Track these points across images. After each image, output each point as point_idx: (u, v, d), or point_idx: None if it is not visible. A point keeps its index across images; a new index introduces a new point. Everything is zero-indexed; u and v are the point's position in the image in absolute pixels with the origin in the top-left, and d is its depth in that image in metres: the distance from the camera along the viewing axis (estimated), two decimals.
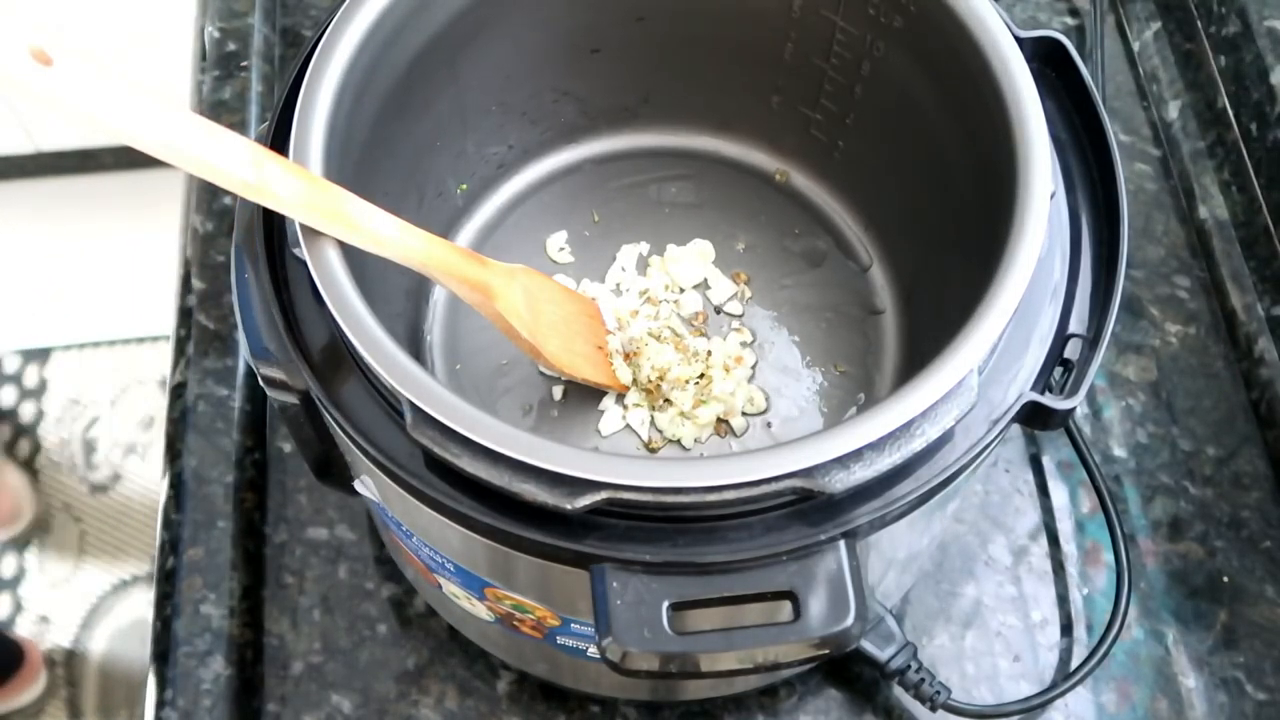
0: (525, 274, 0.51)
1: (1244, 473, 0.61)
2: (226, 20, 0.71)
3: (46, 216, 1.64)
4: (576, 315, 0.55)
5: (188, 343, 0.62)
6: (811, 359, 0.58)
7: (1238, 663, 0.56)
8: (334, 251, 0.41)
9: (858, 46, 0.53)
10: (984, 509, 0.59)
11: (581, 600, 0.41)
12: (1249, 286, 0.64)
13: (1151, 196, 0.69)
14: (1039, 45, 0.46)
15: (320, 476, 0.49)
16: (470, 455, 0.38)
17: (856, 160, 0.58)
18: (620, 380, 0.56)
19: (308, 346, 0.42)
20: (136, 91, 0.37)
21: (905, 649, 0.52)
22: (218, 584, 0.56)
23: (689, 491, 0.37)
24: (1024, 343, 0.42)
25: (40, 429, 1.51)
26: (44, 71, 0.35)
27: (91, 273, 1.60)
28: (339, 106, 0.44)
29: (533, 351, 0.51)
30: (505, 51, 0.55)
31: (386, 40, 0.47)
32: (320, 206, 0.41)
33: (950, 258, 0.51)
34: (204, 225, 0.65)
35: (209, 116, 0.69)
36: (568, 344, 0.53)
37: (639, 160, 0.62)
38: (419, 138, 0.54)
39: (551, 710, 0.55)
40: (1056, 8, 0.75)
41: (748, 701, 0.55)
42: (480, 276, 0.48)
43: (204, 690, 0.53)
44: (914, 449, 0.38)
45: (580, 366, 0.54)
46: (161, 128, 0.38)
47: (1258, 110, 0.65)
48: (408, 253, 0.45)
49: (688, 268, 0.60)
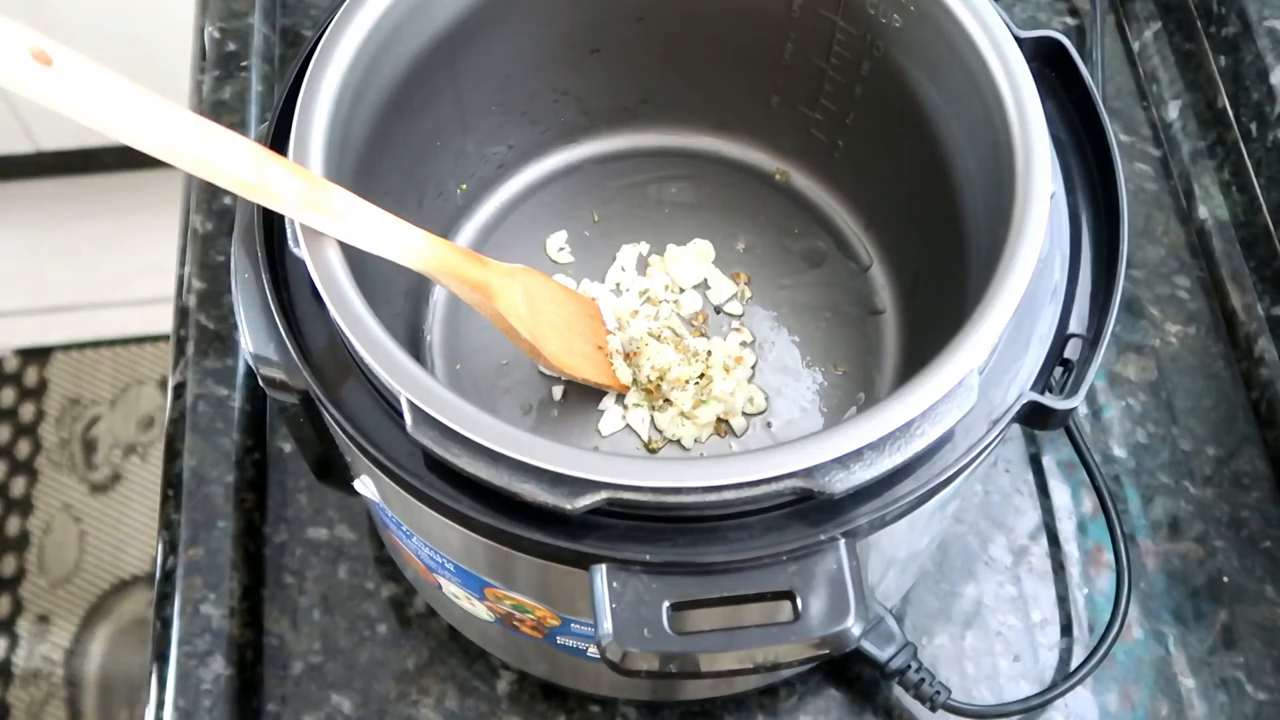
0: (525, 274, 0.51)
1: (1244, 473, 0.61)
2: (226, 20, 0.71)
3: (46, 216, 1.64)
4: (577, 315, 0.55)
5: (187, 343, 0.62)
6: (811, 359, 0.58)
7: (1238, 663, 0.56)
8: (334, 251, 0.41)
9: (857, 46, 0.53)
10: (984, 509, 0.59)
11: (581, 600, 0.41)
12: (1249, 286, 0.64)
13: (1151, 196, 0.69)
14: (1039, 45, 0.46)
15: (320, 476, 0.49)
16: (470, 455, 0.38)
17: (856, 160, 0.58)
18: (620, 380, 0.56)
19: (308, 346, 0.42)
20: (137, 92, 0.37)
21: (905, 649, 0.52)
22: (218, 584, 0.56)
23: (689, 491, 0.37)
24: (1024, 343, 0.42)
25: (40, 429, 1.51)
26: (44, 72, 0.35)
27: (91, 273, 1.60)
28: (339, 106, 0.44)
29: (532, 351, 0.51)
30: (505, 51, 0.55)
31: (386, 40, 0.47)
32: (320, 206, 0.41)
33: (950, 258, 0.51)
34: (204, 225, 0.65)
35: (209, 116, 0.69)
36: (568, 344, 0.53)
37: (639, 160, 0.62)
38: (419, 138, 0.54)
39: (551, 710, 0.55)
40: (1056, 8, 0.75)
41: (748, 701, 0.55)
42: (480, 276, 0.48)
43: (204, 690, 0.53)
44: (914, 449, 0.38)
45: (580, 366, 0.54)
46: (162, 128, 0.38)
47: (1258, 110, 0.65)
48: (407, 253, 0.45)
49: (688, 268, 0.60)
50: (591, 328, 0.56)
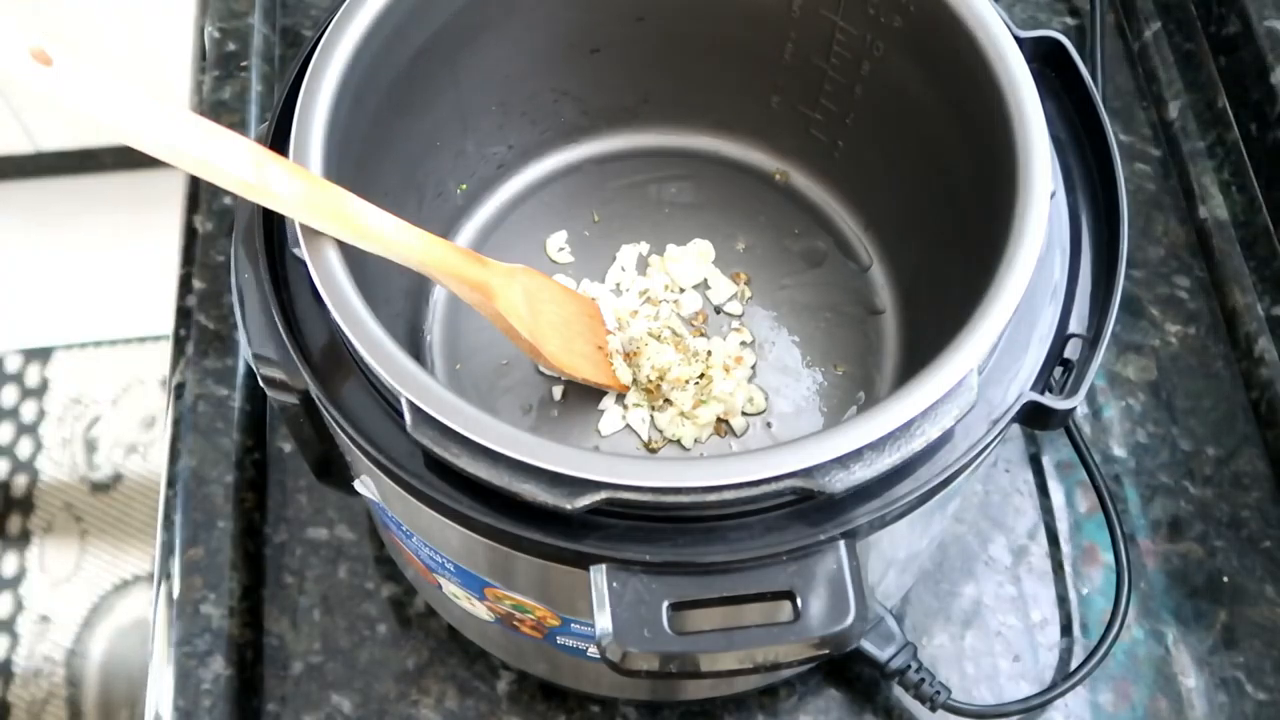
0: (525, 274, 0.51)
1: (1244, 473, 0.61)
2: (226, 20, 0.71)
3: (46, 216, 1.64)
4: (577, 315, 0.55)
5: (188, 343, 0.62)
6: (811, 359, 0.58)
7: (1238, 663, 0.56)
8: (334, 251, 0.41)
9: (857, 46, 0.53)
10: (984, 509, 0.59)
11: (581, 600, 0.41)
12: (1249, 286, 0.64)
13: (1151, 196, 0.69)
14: (1039, 45, 0.46)
15: (320, 476, 0.49)
16: (470, 455, 0.38)
17: (856, 160, 0.58)
18: (620, 380, 0.56)
19: (308, 346, 0.42)
20: (137, 92, 0.37)
21: (905, 649, 0.52)
22: (218, 584, 0.56)
23: (689, 491, 0.37)
24: (1024, 343, 0.42)
25: (41, 429, 1.51)
26: (44, 71, 0.35)
27: (92, 272, 1.60)
28: (339, 106, 0.44)
29: (533, 351, 0.51)
30: (505, 51, 0.55)
31: (386, 40, 0.47)
32: (320, 206, 0.41)
33: (950, 258, 0.51)
34: (204, 225, 0.65)
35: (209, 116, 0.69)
36: (568, 344, 0.53)
37: (639, 160, 0.62)
38: (419, 138, 0.54)
39: (551, 710, 0.55)
40: (1056, 8, 0.75)
41: (748, 701, 0.55)
42: (480, 276, 0.48)
43: (204, 690, 0.53)
44: (914, 449, 0.38)
45: (580, 366, 0.54)
46: (162, 128, 0.38)
47: (1258, 110, 0.65)
48: (408, 252, 0.45)
49: (688, 268, 0.60)
50: (591, 328, 0.56)
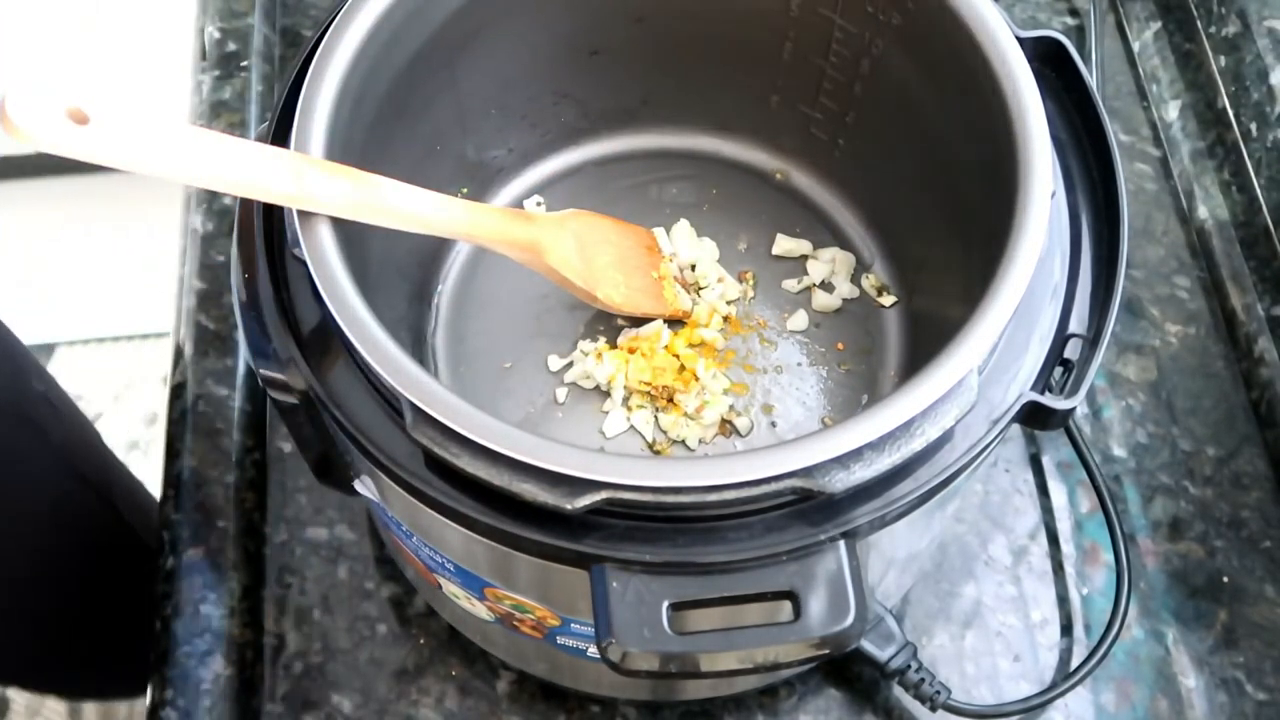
0: (575, 218, 0.52)
1: (1244, 473, 0.61)
2: (226, 20, 0.71)
3: (46, 216, 1.64)
4: (633, 249, 0.56)
5: (187, 343, 0.62)
6: (814, 358, 0.58)
7: (1238, 663, 0.56)
8: (333, 252, 0.41)
9: (856, 45, 0.53)
10: (984, 509, 0.59)
11: (581, 600, 0.41)
12: (1249, 286, 0.64)
13: (1151, 196, 0.69)
14: (1039, 45, 0.46)
15: (320, 476, 0.49)
16: (470, 455, 0.38)
17: (856, 159, 0.58)
18: (680, 306, 0.56)
19: (308, 347, 0.42)
20: (171, 129, 0.38)
21: (905, 649, 0.52)
22: (218, 584, 0.56)
23: (689, 491, 0.37)
24: (1024, 343, 0.42)
25: None
26: (81, 134, 0.36)
27: (93, 271, 1.60)
28: (339, 109, 0.44)
29: (589, 298, 0.52)
30: (505, 54, 0.55)
31: (386, 42, 0.47)
32: (364, 203, 0.42)
33: (951, 257, 0.51)
34: (204, 225, 0.65)
35: (209, 116, 0.69)
36: (626, 280, 0.54)
37: (639, 161, 0.62)
38: (419, 141, 0.54)
39: (551, 710, 0.55)
40: (1056, 8, 0.75)
41: (748, 701, 0.55)
42: (529, 235, 0.49)
43: (204, 690, 0.53)
44: (914, 449, 0.38)
45: (639, 302, 0.55)
46: (201, 161, 0.38)
47: (1258, 110, 0.65)
48: (454, 226, 0.46)
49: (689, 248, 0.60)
50: (649, 259, 0.57)
